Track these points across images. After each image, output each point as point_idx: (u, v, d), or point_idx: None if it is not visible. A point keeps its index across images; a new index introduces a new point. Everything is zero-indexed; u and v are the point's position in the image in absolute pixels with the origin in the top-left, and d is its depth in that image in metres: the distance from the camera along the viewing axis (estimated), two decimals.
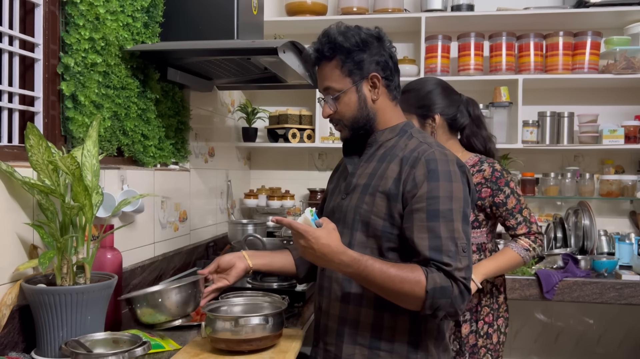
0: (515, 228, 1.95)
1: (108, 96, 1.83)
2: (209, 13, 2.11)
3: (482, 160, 2.00)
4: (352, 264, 1.29)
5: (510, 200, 1.95)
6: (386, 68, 1.43)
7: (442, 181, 1.32)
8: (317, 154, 3.64)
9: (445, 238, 1.30)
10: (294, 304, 1.91)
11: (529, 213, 1.97)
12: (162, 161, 2.25)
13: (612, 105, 3.34)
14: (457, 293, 1.27)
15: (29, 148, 1.35)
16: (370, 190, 1.40)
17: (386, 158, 1.43)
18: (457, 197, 1.32)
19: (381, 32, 1.45)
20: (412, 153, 1.38)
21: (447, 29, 3.30)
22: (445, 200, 1.31)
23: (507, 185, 1.95)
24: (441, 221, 1.30)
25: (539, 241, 1.95)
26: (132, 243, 2.01)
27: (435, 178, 1.32)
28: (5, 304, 1.33)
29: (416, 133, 1.47)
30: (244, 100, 3.45)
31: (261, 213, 3.26)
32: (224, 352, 1.46)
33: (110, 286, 1.45)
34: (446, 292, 1.27)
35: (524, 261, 1.94)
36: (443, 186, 1.32)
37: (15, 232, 1.42)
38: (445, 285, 1.27)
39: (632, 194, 3.18)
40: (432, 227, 1.30)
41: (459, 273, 1.28)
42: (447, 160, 1.36)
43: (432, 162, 1.34)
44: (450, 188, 1.32)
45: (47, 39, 1.62)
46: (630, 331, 3.38)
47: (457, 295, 1.27)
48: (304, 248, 1.30)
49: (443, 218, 1.30)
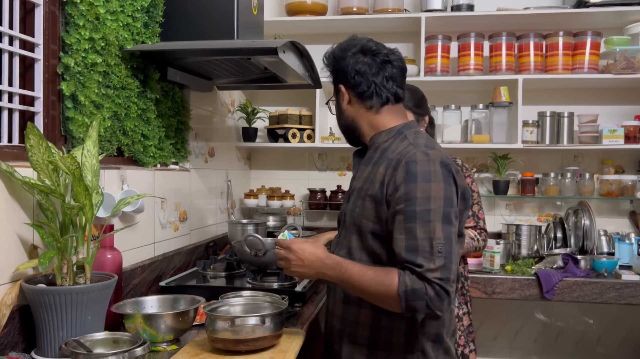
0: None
1: (108, 96, 1.83)
2: (209, 13, 2.11)
3: None
4: (335, 267, 1.38)
5: None
6: (352, 81, 1.49)
7: (420, 182, 1.32)
8: (317, 154, 3.64)
9: (422, 239, 1.30)
10: (294, 304, 1.91)
11: (479, 209, 2.14)
12: (162, 161, 2.25)
13: (612, 105, 3.34)
14: (432, 294, 1.27)
15: (29, 148, 1.35)
16: (362, 194, 1.44)
17: (379, 161, 1.45)
18: (436, 197, 1.32)
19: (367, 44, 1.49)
20: (398, 155, 1.40)
21: (447, 29, 3.30)
22: (422, 200, 1.31)
23: None
24: (418, 222, 1.30)
25: (483, 235, 2.13)
26: (132, 243, 2.01)
27: (413, 180, 1.33)
28: (5, 304, 1.33)
29: (411, 134, 1.46)
30: (244, 100, 3.45)
31: (261, 213, 3.26)
32: (223, 352, 1.47)
33: (110, 286, 1.45)
34: (419, 294, 1.27)
35: (467, 249, 2.08)
36: (421, 187, 1.32)
37: (15, 232, 1.42)
38: (417, 287, 1.27)
39: (632, 194, 3.18)
40: (409, 229, 1.31)
41: (431, 274, 1.27)
42: (428, 160, 1.35)
43: (412, 164, 1.34)
44: (428, 188, 1.32)
45: (47, 39, 1.62)
46: (630, 331, 3.38)
47: (433, 296, 1.27)
48: (290, 261, 1.44)
49: (420, 219, 1.31)
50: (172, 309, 1.65)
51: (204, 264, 2.29)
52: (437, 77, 3.20)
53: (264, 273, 2.14)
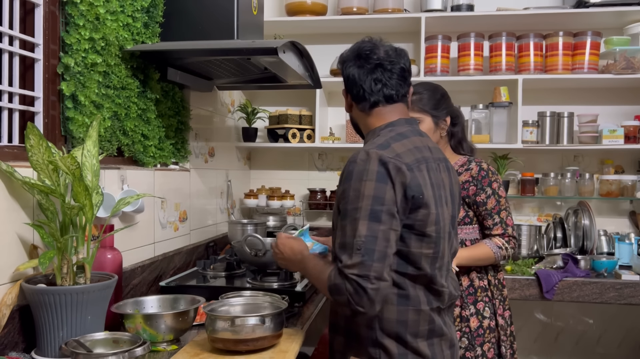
0: (491, 228, 2.04)
1: (108, 96, 1.83)
2: (209, 13, 2.11)
3: (470, 159, 2.10)
4: (300, 261, 1.54)
5: (491, 201, 2.03)
6: (348, 86, 1.56)
7: (354, 181, 1.37)
8: (317, 154, 3.64)
9: (348, 236, 1.34)
10: (294, 304, 1.91)
11: (507, 216, 2.05)
12: (162, 161, 2.25)
13: (612, 105, 3.34)
14: (351, 290, 1.30)
15: (29, 148, 1.35)
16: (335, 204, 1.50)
17: None
18: (365, 195, 1.34)
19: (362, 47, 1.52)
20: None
21: (447, 29, 3.30)
22: (353, 199, 1.35)
23: (489, 186, 2.04)
24: (348, 219, 1.35)
25: (512, 243, 2.04)
26: (132, 243, 2.01)
27: (349, 179, 1.38)
28: (5, 304, 1.33)
29: (385, 133, 1.48)
30: (244, 100, 3.45)
31: (261, 213, 3.26)
32: (223, 352, 1.47)
33: (110, 286, 1.45)
34: (339, 289, 1.32)
35: (495, 258, 2.02)
36: (354, 186, 1.36)
37: (15, 232, 1.42)
38: (337, 282, 1.32)
39: (631, 194, 3.18)
40: (342, 226, 1.37)
41: (348, 270, 1.30)
42: (366, 159, 1.38)
43: (351, 164, 1.40)
44: (359, 186, 1.35)
45: (47, 39, 1.62)
46: (630, 331, 3.38)
47: (352, 292, 1.30)
48: (276, 254, 1.63)
49: (350, 217, 1.35)
50: (172, 309, 1.65)
51: (204, 264, 2.29)
52: (437, 77, 3.20)
53: (264, 273, 2.14)
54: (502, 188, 2.07)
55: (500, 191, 2.05)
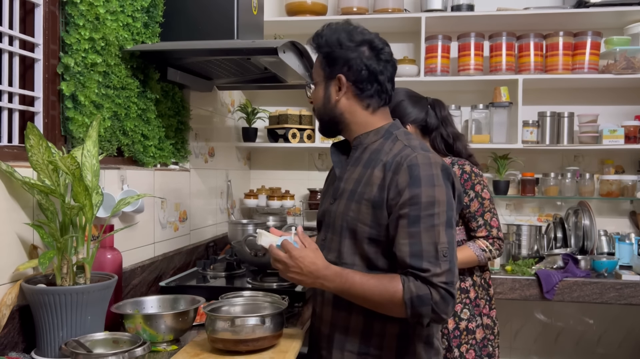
0: (475, 231, 2.04)
1: (108, 96, 1.83)
2: (209, 13, 2.11)
3: (454, 162, 2.08)
4: (334, 278, 1.34)
5: (474, 204, 2.03)
6: (357, 76, 1.41)
7: (425, 187, 1.31)
8: (317, 154, 3.64)
9: (427, 243, 1.29)
10: (294, 304, 1.91)
11: (491, 217, 2.03)
12: (162, 161, 2.25)
13: (612, 105, 3.34)
14: (438, 298, 1.26)
15: (29, 148, 1.35)
16: (356, 197, 1.40)
17: (371, 163, 1.41)
18: (439, 201, 1.31)
19: (375, 40, 1.41)
20: (395, 158, 1.36)
21: (447, 29, 3.30)
22: (427, 205, 1.30)
23: (472, 189, 2.03)
24: (422, 226, 1.29)
25: (496, 244, 2.02)
26: (132, 243, 2.01)
27: (418, 184, 1.31)
28: (5, 304, 1.33)
29: (401, 135, 1.44)
30: (244, 100, 3.45)
31: (261, 213, 3.26)
32: (223, 352, 1.47)
33: (110, 286, 1.45)
34: (425, 300, 1.26)
35: (478, 260, 2.01)
36: (425, 191, 1.30)
37: (15, 232, 1.42)
38: (422, 293, 1.26)
39: (632, 194, 3.18)
40: (413, 233, 1.29)
41: (437, 278, 1.27)
42: (430, 163, 1.33)
43: (415, 167, 1.32)
44: (432, 192, 1.31)
45: (47, 39, 1.62)
46: (630, 331, 3.38)
47: (438, 301, 1.26)
48: (289, 267, 1.37)
49: (424, 223, 1.29)
50: (172, 309, 1.65)
51: (204, 264, 2.29)
52: (437, 77, 3.20)
53: (264, 273, 2.14)
54: (487, 190, 2.05)
55: (484, 194, 2.03)
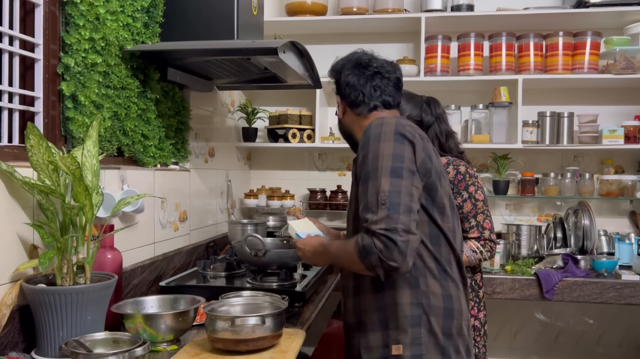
0: (467, 231, 2.03)
1: (108, 96, 1.83)
2: (209, 13, 2.11)
3: (449, 162, 2.07)
4: (323, 251, 1.54)
5: (467, 204, 2.03)
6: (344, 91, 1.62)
7: (372, 145, 1.39)
8: (317, 154, 3.64)
9: (370, 195, 1.34)
10: (294, 304, 1.91)
11: (484, 219, 2.03)
12: (162, 161, 2.25)
13: (612, 105, 3.34)
14: (381, 246, 1.28)
15: (29, 148, 1.35)
16: (352, 194, 1.53)
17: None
18: (384, 154, 1.36)
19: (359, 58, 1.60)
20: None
21: (447, 29, 3.30)
22: (373, 160, 1.37)
23: (465, 189, 2.03)
24: (370, 181, 1.36)
25: (488, 246, 2.02)
26: (132, 243, 2.01)
27: (366, 143, 1.41)
28: (5, 304, 1.33)
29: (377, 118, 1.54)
30: (244, 100, 3.45)
31: (261, 213, 3.26)
32: (223, 352, 1.47)
33: (110, 286, 1.45)
34: (369, 249, 1.30)
35: (469, 261, 2.01)
36: (372, 148, 1.39)
37: (15, 232, 1.42)
38: (366, 243, 1.31)
39: (631, 194, 3.18)
40: (364, 189, 1.37)
41: (375, 226, 1.30)
42: (381, 124, 1.42)
43: (366, 131, 1.43)
44: (378, 147, 1.38)
45: (47, 39, 1.62)
46: (630, 331, 3.38)
47: (382, 248, 1.28)
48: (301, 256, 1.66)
49: (371, 178, 1.36)
50: (172, 309, 1.65)
51: (204, 264, 2.29)
52: (437, 77, 3.20)
53: (264, 273, 2.14)
54: (481, 192, 2.04)
55: (477, 195, 2.03)
